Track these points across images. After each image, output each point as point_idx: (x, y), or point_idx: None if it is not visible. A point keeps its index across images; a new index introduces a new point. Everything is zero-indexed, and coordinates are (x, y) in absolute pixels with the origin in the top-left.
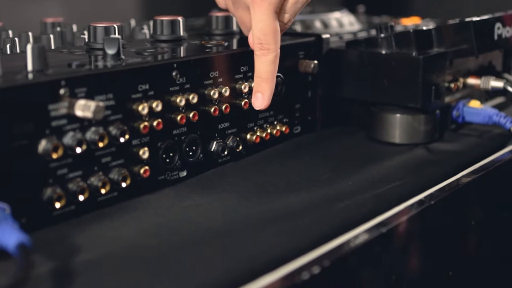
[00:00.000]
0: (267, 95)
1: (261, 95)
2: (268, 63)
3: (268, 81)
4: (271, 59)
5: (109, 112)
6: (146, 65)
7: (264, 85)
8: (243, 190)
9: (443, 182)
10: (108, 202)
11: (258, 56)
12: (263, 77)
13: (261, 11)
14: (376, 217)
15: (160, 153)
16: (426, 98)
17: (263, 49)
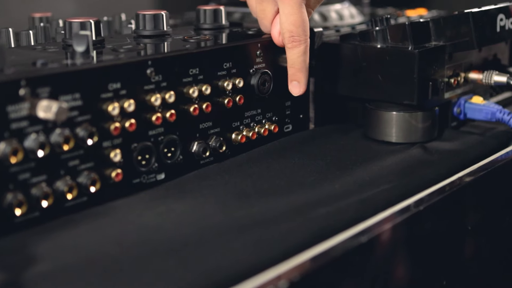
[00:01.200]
0: (303, 82)
1: (298, 83)
2: (300, 53)
3: (303, 70)
4: (303, 49)
5: (76, 113)
6: (117, 62)
7: (299, 74)
8: (222, 194)
9: (435, 186)
10: (76, 208)
11: (291, 49)
12: (297, 67)
13: (291, 5)
14: (358, 225)
15: (134, 155)
16: (422, 94)
17: (295, 41)
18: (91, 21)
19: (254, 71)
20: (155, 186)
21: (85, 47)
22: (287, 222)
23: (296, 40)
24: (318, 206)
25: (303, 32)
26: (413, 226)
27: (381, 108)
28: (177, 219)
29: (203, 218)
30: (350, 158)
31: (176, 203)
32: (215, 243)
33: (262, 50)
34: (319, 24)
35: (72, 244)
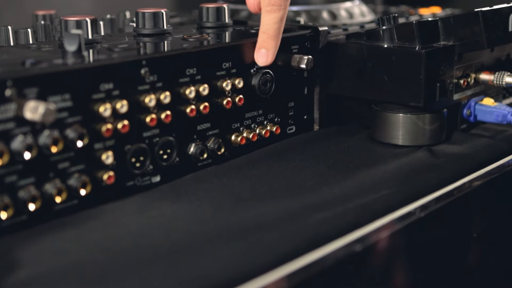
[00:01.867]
0: (272, 52)
1: (266, 51)
2: (277, 19)
3: (275, 38)
4: (280, 16)
5: (66, 114)
6: (110, 62)
7: (270, 41)
8: (218, 197)
9: (438, 191)
10: (66, 211)
11: (268, 12)
12: (269, 33)
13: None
14: (354, 231)
15: (128, 157)
16: (429, 96)
17: (275, 5)
18: (87, 19)
19: (255, 71)
20: (150, 189)
21: (76, 46)
22: (281, 228)
23: (276, 4)
24: (315, 211)
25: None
26: (413, 233)
27: (388, 110)
28: (168, 224)
29: (195, 223)
30: (353, 161)
31: (169, 207)
32: (204, 250)
33: None
34: (327, 23)
35: (58, 249)
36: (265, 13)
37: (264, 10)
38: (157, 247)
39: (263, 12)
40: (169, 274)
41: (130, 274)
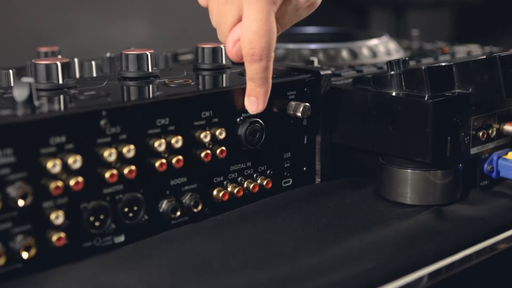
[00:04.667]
0: (262, 99)
1: (256, 98)
2: (260, 69)
3: (262, 86)
4: (263, 66)
5: (8, 170)
6: (63, 114)
7: (258, 90)
8: (180, 264)
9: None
10: (7, 276)
11: (249, 62)
12: (257, 82)
13: (259, 9)
14: None
15: (84, 216)
16: (438, 151)
17: (255, 55)
18: (58, 63)
19: (242, 120)
20: (113, 250)
21: (26, 95)
22: None
23: (256, 54)
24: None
25: (266, 44)
26: None
27: (395, 164)
28: None
29: None
30: (348, 222)
31: (122, 273)
32: None
33: None
34: (346, 62)
35: None
36: (247, 63)
37: (246, 60)
38: None
39: (245, 62)
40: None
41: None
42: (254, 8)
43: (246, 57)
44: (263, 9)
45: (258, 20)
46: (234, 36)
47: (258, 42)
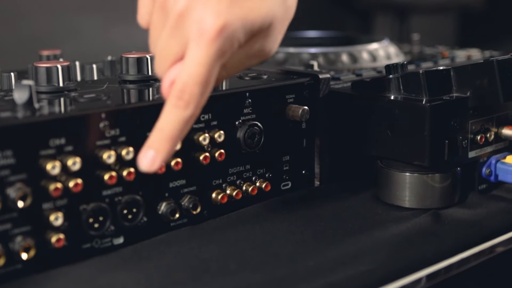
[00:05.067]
0: (161, 157)
1: (155, 153)
2: (181, 119)
3: (171, 141)
4: (187, 116)
5: (7, 172)
6: (63, 116)
7: (164, 144)
8: (179, 266)
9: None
10: (7, 277)
11: (173, 107)
12: (167, 133)
13: (203, 52)
14: None
15: (84, 218)
16: (436, 154)
17: (182, 100)
18: (58, 66)
19: (241, 123)
20: (112, 251)
21: (26, 98)
22: None
23: (186, 100)
24: None
25: (199, 94)
26: None
27: (393, 168)
28: None
29: None
30: (346, 225)
31: (121, 274)
32: None
33: (252, 99)
34: (346, 66)
35: None
36: (169, 107)
37: (169, 102)
38: None
39: (166, 103)
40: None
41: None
42: (201, 51)
43: (172, 99)
44: (210, 57)
45: (200, 65)
46: (173, 75)
47: (192, 88)
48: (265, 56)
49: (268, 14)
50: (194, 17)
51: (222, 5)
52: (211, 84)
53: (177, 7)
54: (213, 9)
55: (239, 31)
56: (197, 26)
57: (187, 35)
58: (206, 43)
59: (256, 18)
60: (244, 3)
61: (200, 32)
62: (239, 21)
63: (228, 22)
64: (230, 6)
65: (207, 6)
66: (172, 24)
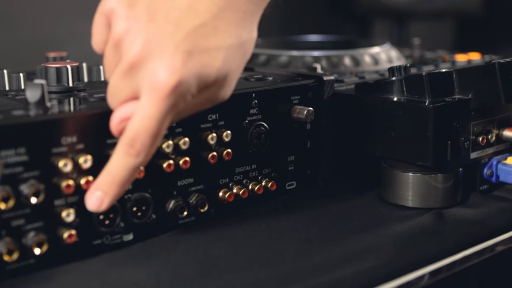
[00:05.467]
0: (109, 200)
1: (103, 195)
2: (131, 166)
3: (120, 185)
4: (137, 164)
5: (21, 168)
6: (73, 115)
7: (112, 188)
8: (187, 262)
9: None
10: (20, 271)
11: (124, 154)
12: (116, 178)
13: (156, 107)
14: None
15: (94, 215)
16: (439, 155)
17: (134, 149)
18: (68, 66)
19: (247, 124)
20: (121, 248)
21: (38, 97)
22: None
23: (137, 150)
24: (285, 284)
25: (149, 145)
26: None
27: (396, 168)
28: None
29: None
30: (351, 223)
31: (131, 270)
32: None
33: (258, 99)
34: (348, 69)
35: None
36: (120, 154)
37: (119, 148)
38: None
39: (117, 149)
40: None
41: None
42: (153, 106)
43: (123, 147)
44: (160, 111)
45: (151, 119)
46: (123, 113)
47: (143, 140)
48: (218, 101)
49: (223, 67)
50: (148, 69)
51: (177, 61)
52: (162, 134)
53: (131, 54)
54: (167, 64)
55: (193, 86)
56: (150, 79)
57: (139, 83)
58: (159, 98)
59: (211, 73)
60: (199, 57)
61: (153, 87)
62: (194, 77)
63: (182, 78)
64: (185, 62)
65: (161, 60)
66: (124, 69)
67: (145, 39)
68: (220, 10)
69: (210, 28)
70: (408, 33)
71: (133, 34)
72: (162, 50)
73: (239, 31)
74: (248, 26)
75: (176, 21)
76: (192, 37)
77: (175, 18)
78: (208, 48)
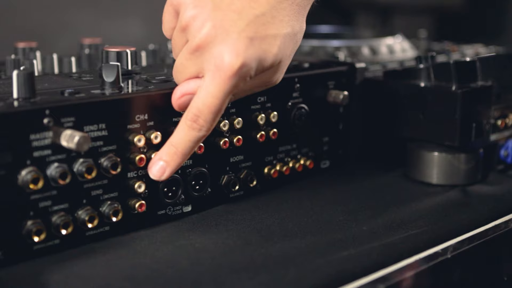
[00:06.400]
0: (171, 170)
1: (166, 165)
2: (194, 139)
3: (182, 156)
4: (199, 137)
5: (101, 143)
6: (146, 94)
7: (175, 158)
8: (247, 230)
9: (470, 232)
10: (97, 237)
11: (187, 127)
12: (179, 150)
13: (220, 86)
14: (379, 271)
15: (160, 187)
16: (465, 136)
17: (197, 123)
18: (127, 50)
19: (290, 106)
20: (181, 218)
21: (114, 77)
22: (306, 263)
23: (200, 124)
24: (341, 248)
25: (212, 121)
26: (439, 274)
27: (423, 148)
28: (195, 254)
29: (222, 254)
30: (385, 198)
31: (197, 237)
32: (227, 283)
33: (300, 84)
34: (367, 59)
35: (86, 274)
36: (184, 127)
37: (184, 123)
38: (181, 277)
39: (181, 123)
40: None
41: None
42: (217, 86)
43: (187, 121)
44: (224, 90)
45: (214, 97)
46: (184, 89)
47: (206, 115)
48: (271, 85)
49: (279, 53)
50: (214, 52)
51: (241, 45)
52: (222, 111)
53: (198, 37)
54: (232, 48)
55: (253, 69)
56: (215, 61)
57: (203, 64)
58: (223, 79)
59: (268, 58)
60: (259, 44)
61: (218, 68)
62: (254, 61)
63: (245, 62)
64: (247, 47)
65: (226, 44)
66: (191, 50)
67: (212, 25)
68: (278, 2)
69: (269, 17)
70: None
71: (200, 20)
72: (227, 35)
73: (293, 22)
74: (300, 18)
75: (238, 10)
76: (253, 25)
77: (237, 7)
78: (267, 35)
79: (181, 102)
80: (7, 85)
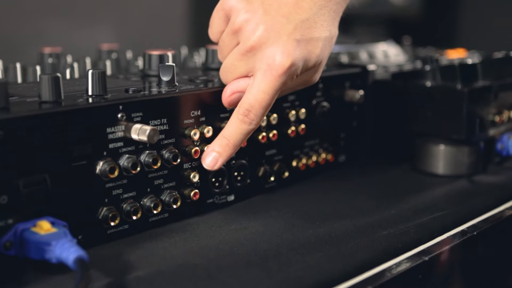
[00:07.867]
0: (223, 160)
1: (219, 156)
2: (244, 132)
3: (234, 147)
4: (249, 130)
5: (163, 136)
6: (199, 92)
7: (227, 149)
8: (288, 215)
9: (486, 214)
10: (159, 223)
11: (239, 121)
12: (231, 142)
13: (271, 84)
14: (419, 246)
15: (209, 177)
16: (470, 130)
17: (249, 118)
18: (169, 53)
19: (316, 104)
20: (226, 207)
21: (170, 76)
22: (353, 241)
23: (251, 118)
24: (380, 229)
25: (262, 115)
26: (468, 249)
27: (430, 143)
28: (252, 236)
29: (276, 235)
30: (401, 187)
31: (248, 221)
32: (290, 257)
33: (323, 84)
34: (365, 62)
35: (161, 254)
36: (236, 121)
37: (236, 117)
38: (249, 253)
39: (233, 118)
40: (268, 276)
41: (232, 275)
42: (268, 83)
43: (239, 115)
44: (274, 87)
45: (265, 93)
46: (234, 87)
47: (257, 110)
48: (311, 83)
49: (320, 54)
50: (266, 53)
51: (290, 47)
52: (270, 107)
53: (252, 39)
54: (283, 49)
55: (299, 69)
56: (267, 61)
57: (255, 64)
58: (274, 76)
59: (312, 59)
60: (305, 46)
61: (270, 66)
62: (301, 61)
63: (294, 61)
64: (295, 48)
65: (278, 46)
66: (243, 51)
67: (265, 28)
68: (319, 8)
69: (312, 22)
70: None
71: (253, 23)
72: (277, 38)
73: (330, 27)
74: (335, 23)
75: (286, 15)
76: (299, 29)
77: (285, 13)
78: (311, 38)
79: (231, 99)
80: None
